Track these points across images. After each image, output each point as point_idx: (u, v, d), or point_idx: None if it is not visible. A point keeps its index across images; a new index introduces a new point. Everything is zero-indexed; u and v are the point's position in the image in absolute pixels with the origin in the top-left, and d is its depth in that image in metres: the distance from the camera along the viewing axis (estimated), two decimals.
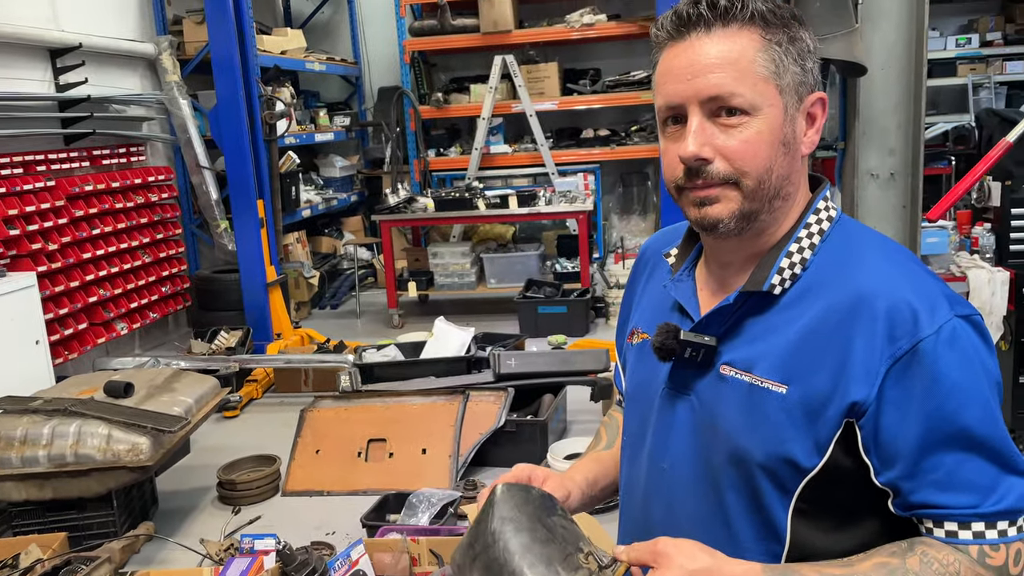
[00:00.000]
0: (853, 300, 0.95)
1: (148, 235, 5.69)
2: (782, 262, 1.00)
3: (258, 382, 4.91)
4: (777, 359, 0.97)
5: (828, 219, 1.04)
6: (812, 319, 0.97)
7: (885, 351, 0.92)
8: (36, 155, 4.78)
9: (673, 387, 1.07)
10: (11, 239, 4.49)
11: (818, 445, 0.95)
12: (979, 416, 0.91)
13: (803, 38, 1.00)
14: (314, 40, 8.17)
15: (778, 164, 0.98)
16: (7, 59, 4.71)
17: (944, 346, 0.91)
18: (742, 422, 0.99)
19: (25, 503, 2.96)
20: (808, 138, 1.01)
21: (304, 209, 6.84)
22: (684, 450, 1.05)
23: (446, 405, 3.69)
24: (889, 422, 0.92)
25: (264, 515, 3.45)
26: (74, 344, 4.91)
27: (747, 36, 0.96)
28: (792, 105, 0.98)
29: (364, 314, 6.75)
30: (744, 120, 0.95)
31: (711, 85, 0.95)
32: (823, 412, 0.94)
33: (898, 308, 0.93)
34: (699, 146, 0.96)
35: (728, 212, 0.98)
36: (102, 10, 5.58)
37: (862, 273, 0.97)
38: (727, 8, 0.95)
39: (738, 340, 1.02)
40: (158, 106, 6.04)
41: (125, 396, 3.23)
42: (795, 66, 0.98)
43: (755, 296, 1.01)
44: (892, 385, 0.91)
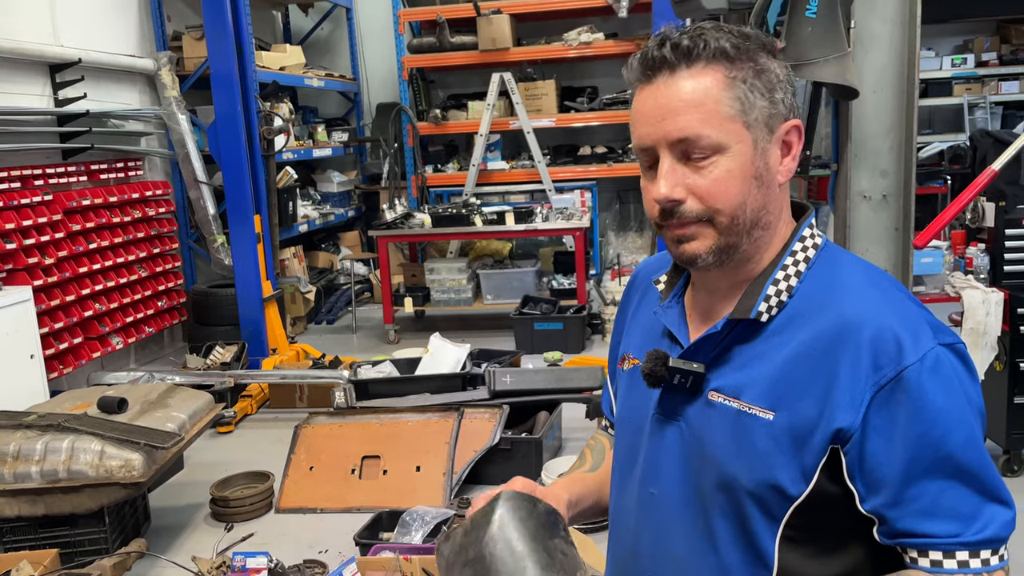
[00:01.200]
0: (838, 327, 0.96)
1: (145, 249, 5.69)
2: (769, 290, 1.01)
3: (253, 397, 4.89)
4: (764, 386, 0.98)
5: (814, 246, 1.05)
6: (798, 346, 0.98)
7: (870, 378, 0.93)
8: (34, 169, 4.78)
9: (662, 413, 1.07)
10: (7, 253, 4.49)
11: (804, 472, 0.95)
12: (963, 443, 0.92)
13: (771, 69, 1.00)
14: (313, 56, 8.21)
15: (752, 198, 0.99)
16: (6, 74, 4.73)
17: (928, 374, 0.92)
18: (730, 448, 0.99)
19: (17, 519, 2.94)
20: (784, 167, 1.02)
21: (301, 224, 6.85)
22: (673, 476, 1.06)
23: (441, 422, 3.69)
24: (874, 449, 0.93)
25: (257, 532, 3.43)
26: (69, 358, 4.90)
27: (711, 75, 0.97)
28: (762, 138, 0.99)
29: (360, 329, 6.74)
30: (713, 159, 0.97)
31: (677, 129, 0.96)
32: (809, 439, 0.94)
33: (882, 336, 0.94)
34: (670, 188, 0.98)
35: (705, 248, 1.00)
36: (102, 26, 5.61)
37: (847, 300, 0.98)
38: (689, 48, 0.96)
39: (726, 367, 1.02)
40: (157, 121, 6.06)
41: (119, 412, 3.23)
42: (762, 100, 0.98)
43: (743, 323, 1.02)
44: (876, 412, 0.92)
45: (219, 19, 5.11)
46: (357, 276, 7.49)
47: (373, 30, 8.38)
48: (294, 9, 8.38)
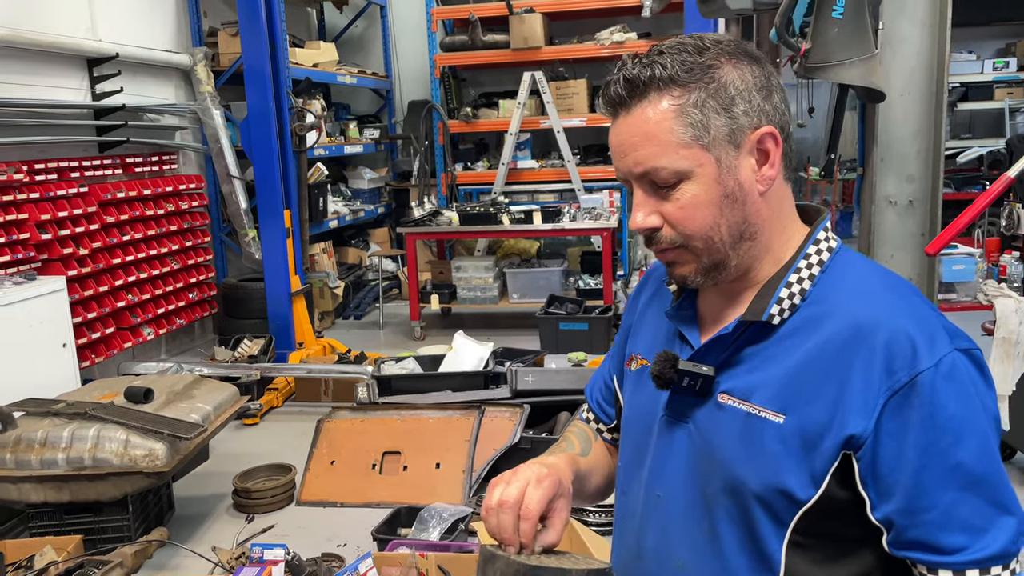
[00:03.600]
0: (851, 331, 0.95)
1: (177, 242, 5.77)
2: (782, 292, 1.00)
3: (279, 391, 4.94)
4: (775, 388, 0.97)
5: (828, 250, 1.03)
6: (810, 349, 0.97)
7: (883, 383, 0.91)
8: (70, 161, 4.87)
9: (671, 415, 1.06)
10: (43, 243, 4.59)
11: (813, 477, 0.94)
12: (976, 452, 0.90)
13: (728, 82, 0.98)
14: (347, 53, 8.27)
15: (726, 217, 0.98)
16: (46, 68, 4.83)
17: (943, 379, 0.90)
18: (739, 451, 0.98)
19: (43, 505, 3.00)
20: (762, 175, 1.00)
21: (331, 220, 6.90)
22: (680, 478, 1.05)
23: (461, 420, 3.69)
24: (887, 455, 0.91)
25: (278, 524, 3.47)
26: (101, 348, 4.99)
27: (661, 104, 0.96)
28: (727, 155, 0.98)
29: (387, 325, 6.78)
30: (679, 187, 0.98)
31: (636, 164, 0.99)
32: (819, 443, 0.93)
33: (897, 340, 0.92)
34: (644, 218, 1.00)
35: (690, 271, 1.02)
36: (139, 21, 5.71)
37: (861, 304, 0.97)
38: (638, 79, 0.97)
39: (737, 369, 1.02)
40: (191, 116, 6.14)
41: (145, 401, 3.27)
42: (720, 118, 0.97)
43: (754, 325, 1.01)
44: (890, 418, 0.91)
45: (253, 16, 5.17)
46: (385, 272, 7.53)
47: (406, 28, 8.41)
48: (329, 6, 8.44)
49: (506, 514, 1.00)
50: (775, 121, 1.00)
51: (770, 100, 1.00)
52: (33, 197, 4.54)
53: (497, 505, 1.01)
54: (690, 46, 0.98)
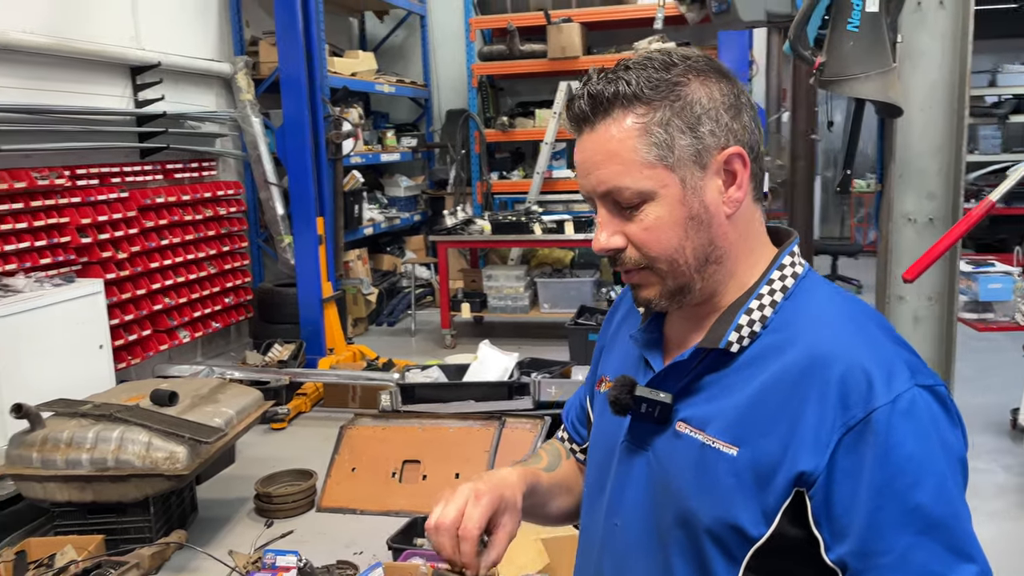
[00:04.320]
0: (808, 362, 0.91)
1: (215, 247, 5.87)
2: (741, 319, 0.97)
3: (307, 396, 4.99)
4: (730, 419, 0.94)
5: (793, 276, 1.00)
6: (767, 380, 0.93)
7: (838, 419, 0.87)
8: (112, 167, 5.00)
9: (632, 441, 1.03)
10: (83, 246, 4.71)
11: (766, 513, 0.90)
12: (933, 494, 0.85)
13: (695, 100, 0.95)
14: (387, 62, 8.35)
15: (691, 239, 0.95)
16: (91, 76, 4.96)
17: (900, 417, 0.85)
18: (692, 483, 0.95)
19: (68, 504, 3.07)
20: (729, 197, 0.97)
21: (366, 227, 6.96)
22: (637, 508, 1.02)
23: (482, 430, 3.68)
24: (841, 494, 0.87)
25: (297, 530, 3.49)
26: (137, 350, 5.09)
27: (625, 122, 0.94)
28: (692, 176, 0.95)
29: (419, 333, 6.81)
30: (642, 208, 0.95)
31: (600, 183, 0.96)
32: (772, 479, 0.89)
33: (853, 374, 0.88)
34: (607, 239, 0.98)
35: (654, 294, 0.99)
36: (183, 31, 5.84)
37: (819, 335, 0.93)
38: (602, 95, 0.94)
39: (696, 397, 0.98)
40: (231, 123, 6.26)
41: (169, 405, 3.33)
42: (685, 138, 0.94)
43: (714, 352, 0.97)
44: (844, 455, 0.87)
45: (290, 25, 5.25)
46: (420, 280, 7.57)
47: (445, 37, 8.47)
48: (371, 16, 8.55)
49: (443, 536, 0.99)
50: (743, 141, 0.97)
51: (739, 119, 0.97)
52: (75, 201, 4.66)
53: (434, 527, 1.00)
54: (657, 62, 0.95)
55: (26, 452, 3.02)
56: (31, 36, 4.39)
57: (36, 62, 4.52)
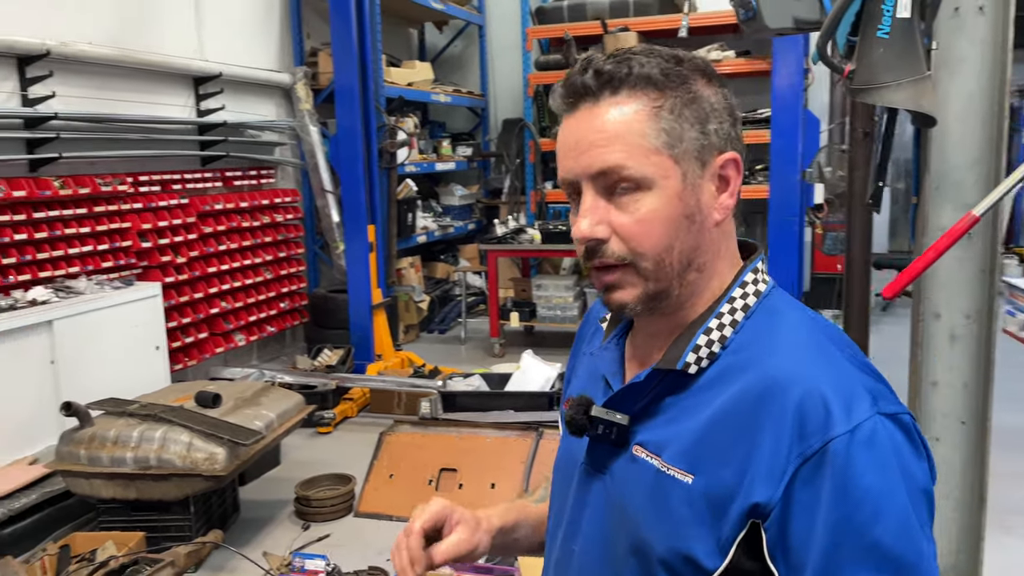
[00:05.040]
0: (764, 386, 0.86)
1: (271, 253, 6.01)
2: (699, 339, 0.92)
3: (354, 401, 5.05)
4: (685, 445, 0.89)
5: (756, 293, 0.95)
6: (724, 404, 0.88)
7: (794, 448, 0.82)
8: (173, 174, 5.17)
9: (590, 464, 1.00)
10: (144, 251, 4.87)
11: (720, 545, 0.85)
12: (894, 530, 0.80)
13: (704, 97, 0.91)
14: (445, 72, 8.44)
15: (681, 239, 0.90)
16: (155, 85, 5.14)
17: (859, 447, 0.80)
18: (646, 510, 0.91)
19: (112, 501, 3.17)
20: (721, 203, 0.93)
21: (420, 235, 7.03)
22: (593, 534, 0.98)
23: (519, 441, 3.67)
24: (797, 528, 0.82)
25: (333, 534, 3.53)
26: (194, 352, 5.24)
27: (636, 104, 0.89)
28: (693, 172, 0.91)
29: (469, 341, 6.84)
30: (637, 196, 0.89)
31: (599, 160, 0.89)
32: (727, 509, 0.85)
33: (810, 401, 0.83)
34: (591, 226, 0.90)
35: (632, 297, 0.92)
36: (244, 42, 6.00)
37: (778, 358, 0.88)
38: (612, 74, 0.89)
39: (655, 420, 0.94)
40: (290, 132, 6.41)
41: (213, 406, 3.41)
42: (693, 131, 0.90)
43: (672, 374, 0.93)
44: (801, 487, 0.81)
45: (345, 37, 5.35)
46: (473, 288, 7.61)
47: (503, 47, 8.52)
48: (430, 27, 8.65)
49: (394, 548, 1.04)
50: (739, 150, 0.94)
51: (735, 127, 0.94)
52: (136, 207, 4.83)
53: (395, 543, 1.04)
54: (665, 53, 0.92)
55: (75, 449, 3.13)
56: (97, 48, 4.58)
57: (102, 72, 4.71)
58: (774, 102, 5.12)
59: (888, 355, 4.49)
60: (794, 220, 5.24)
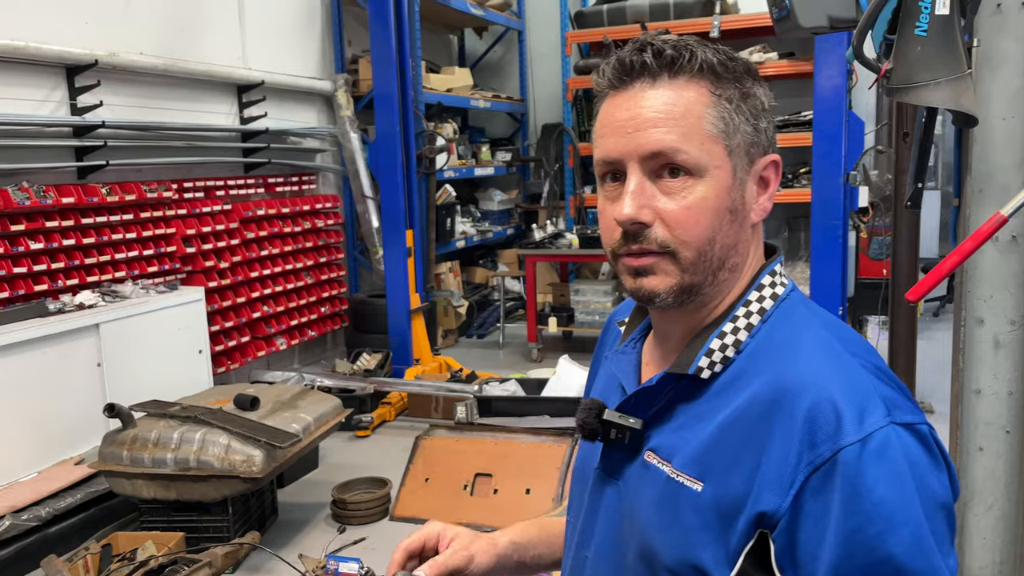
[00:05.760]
0: (775, 393, 0.83)
1: (312, 258, 6.08)
2: (712, 343, 0.90)
3: (392, 405, 5.08)
4: (695, 451, 0.87)
5: (772, 296, 0.92)
6: (735, 410, 0.85)
7: (804, 457, 0.79)
8: (217, 180, 5.26)
9: (603, 470, 0.98)
10: (188, 256, 4.97)
11: (729, 554, 0.83)
12: (907, 545, 0.76)
13: (757, 95, 0.90)
14: (485, 78, 8.46)
15: (723, 233, 0.88)
16: (200, 94, 5.25)
17: (871, 457, 0.77)
18: (655, 518, 0.89)
19: (153, 501, 3.23)
20: (760, 204, 0.92)
21: (458, 240, 7.06)
22: (605, 541, 0.97)
23: (554, 446, 3.65)
24: (806, 539, 0.79)
25: (368, 537, 3.55)
26: (236, 355, 5.33)
27: (695, 90, 0.87)
28: (742, 168, 0.89)
29: (507, 345, 6.84)
30: (688, 183, 0.87)
31: (653, 140, 0.86)
32: (735, 518, 0.82)
33: (821, 409, 0.79)
34: (636, 209, 0.87)
35: (665, 286, 0.89)
36: (287, 50, 6.09)
37: (790, 363, 0.85)
38: (674, 58, 0.87)
39: (667, 425, 0.92)
40: (331, 138, 6.49)
41: (251, 409, 3.45)
42: (747, 125, 0.89)
43: (686, 379, 0.91)
44: (811, 497, 0.79)
45: (384, 44, 5.40)
46: (512, 293, 7.61)
47: (542, 52, 8.51)
48: (470, 33, 8.69)
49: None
50: (777, 152, 0.93)
51: (774, 131, 0.94)
52: (181, 213, 4.94)
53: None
54: (720, 48, 0.91)
55: (117, 450, 3.20)
56: (144, 58, 4.69)
57: (148, 82, 4.82)
58: (816, 104, 5.03)
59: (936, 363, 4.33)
60: (838, 224, 5.14)
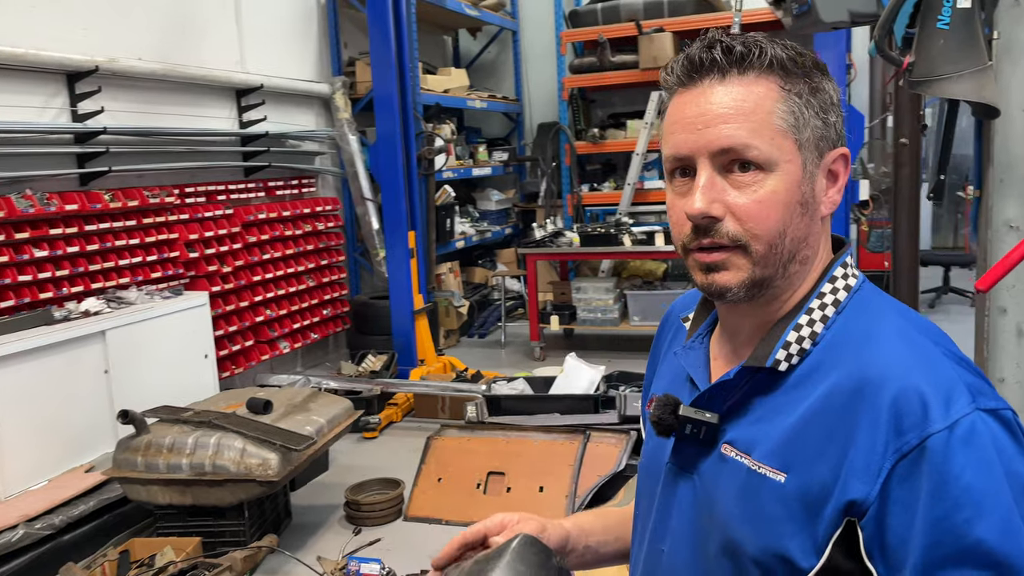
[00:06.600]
0: (858, 384, 0.84)
1: (314, 261, 6.08)
2: (789, 336, 0.91)
3: (398, 406, 5.09)
4: (777, 443, 0.88)
5: (845, 288, 0.94)
6: (816, 401, 0.87)
7: (890, 445, 0.80)
8: (218, 185, 5.25)
9: (676, 464, 0.99)
10: (191, 261, 4.96)
11: (816, 544, 0.84)
12: (997, 530, 0.77)
13: (826, 89, 0.92)
14: (480, 78, 8.47)
15: (793, 227, 0.90)
16: (199, 99, 5.24)
17: (958, 444, 0.78)
18: (737, 510, 0.90)
19: (169, 506, 3.22)
20: (829, 198, 0.93)
21: (458, 240, 7.06)
22: (682, 535, 0.98)
23: (566, 444, 3.66)
24: (895, 525, 0.80)
25: (384, 538, 3.55)
26: (241, 359, 5.32)
27: (765, 85, 0.89)
28: (812, 162, 0.90)
29: (509, 345, 6.85)
30: (758, 177, 0.88)
31: (723, 136, 0.87)
32: (822, 507, 0.84)
33: (906, 396, 0.81)
34: (707, 203, 0.88)
35: (737, 281, 0.90)
36: (284, 54, 6.09)
37: (872, 353, 0.86)
38: (744, 54, 0.88)
39: (744, 419, 0.93)
40: (329, 141, 6.48)
41: (264, 413, 3.45)
42: (816, 119, 0.90)
43: (761, 372, 0.92)
44: (898, 484, 0.80)
45: (383, 47, 5.40)
46: (511, 292, 7.62)
47: (537, 52, 8.54)
48: (464, 33, 8.69)
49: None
50: (847, 146, 0.95)
51: (843, 125, 0.95)
52: (183, 218, 4.93)
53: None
54: (789, 44, 0.92)
55: (131, 456, 3.19)
56: (144, 63, 4.67)
57: (148, 87, 4.80)
58: None
59: None
60: (839, 217, 5.18)
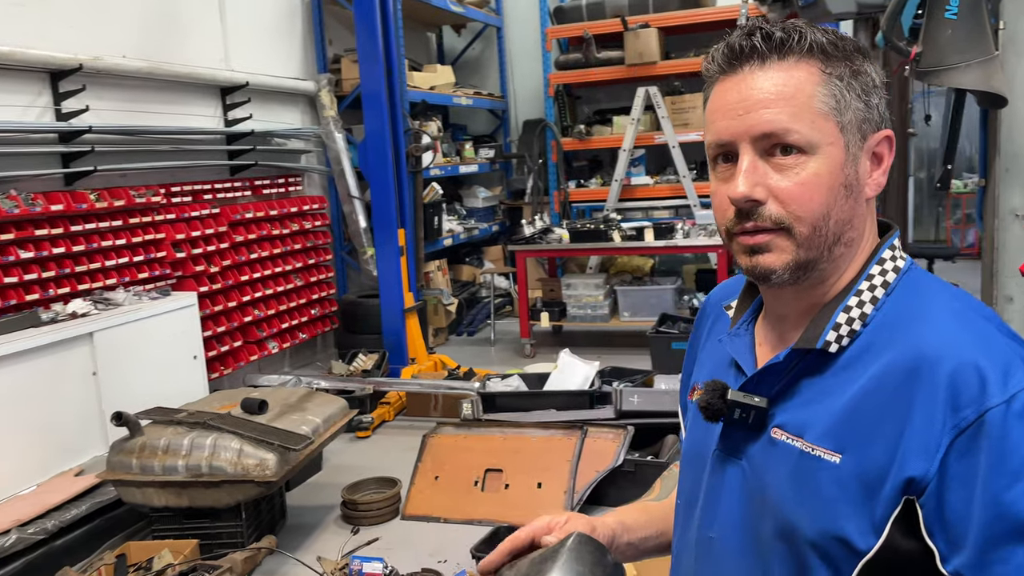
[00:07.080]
0: (913, 362, 0.85)
1: (301, 260, 6.03)
2: (839, 317, 0.92)
3: (391, 405, 5.06)
4: (830, 424, 0.88)
5: (894, 270, 0.94)
6: (869, 381, 0.87)
7: (948, 421, 0.81)
8: (204, 184, 5.19)
9: (724, 450, 0.99)
10: (178, 261, 4.90)
11: (874, 524, 0.84)
12: None
13: (867, 72, 0.92)
14: (465, 75, 8.45)
15: (837, 209, 0.90)
16: (184, 97, 5.17)
17: (1016, 418, 0.79)
18: (791, 493, 0.90)
19: (165, 509, 3.18)
20: (874, 180, 0.93)
21: (446, 238, 7.04)
22: (733, 519, 0.97)
23: (563, 440, 3.65)
24: (954, 501, 0.81)
25: (382, 537, 3.53)
26: (229, 360, 5.27)
27: (805, 69, 0.89)
28: (855, 144, 0.91)
29: (498, 342, 6.83)
30: (800, 160, 0.88)
31: (764, 121, 0.88)
32: (880, 487, 0.84)
33: (963, 372, 0.82)
34: (750, 187, 0.89)
35: (781, 263, 0.91)
36: (269, 51, 6.03)
37: (925, 332, 0.87)
38: (783, 40, 0.89)
39: (792, 401, 0.93)
40: (315, 139, 6.43)
41: (259, 413, 3.42)
42: (858, 102, 0.90)
43: (811, 354, 0.92)
44: (957, 460, 0.80)
45: (370, 43, 5.36)
46: (498, 290, 7.61)
47: (522, 48, 8.52)
48: (448, 30, 8.66)
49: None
50: (891, 128, 0.96)
51: (887, 107, 0.95)
52: (170, 218, 4.87)
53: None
54: (829, 29, 0.92)
55: (126, 458, 3.15)
56: (128, 61, 4.61)
57: (132, 85, 4.74)
58: None
59: None
60: None
